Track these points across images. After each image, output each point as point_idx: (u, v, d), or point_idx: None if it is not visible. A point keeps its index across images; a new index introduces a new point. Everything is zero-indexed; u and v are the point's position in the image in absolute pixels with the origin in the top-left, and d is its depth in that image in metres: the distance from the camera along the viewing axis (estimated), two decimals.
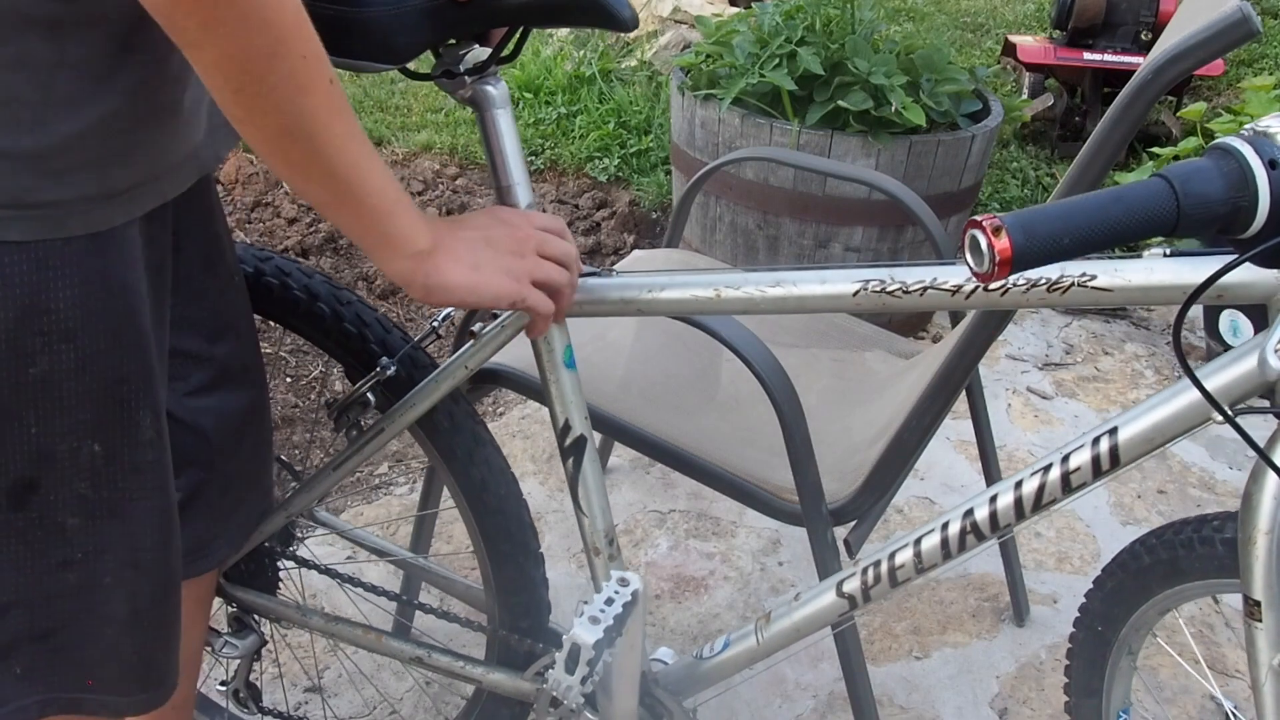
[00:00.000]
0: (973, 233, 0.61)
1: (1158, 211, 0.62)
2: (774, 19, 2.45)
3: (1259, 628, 0.78)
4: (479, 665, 1.16)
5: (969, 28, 5.18)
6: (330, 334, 1.05)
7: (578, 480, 0.99)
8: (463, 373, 1.00)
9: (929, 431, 1.16)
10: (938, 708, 1.57)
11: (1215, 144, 0.65)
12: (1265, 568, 0.76)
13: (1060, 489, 0.81)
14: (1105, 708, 1.06)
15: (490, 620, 1.18)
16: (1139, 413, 0.77)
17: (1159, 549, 0.93)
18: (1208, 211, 0.62)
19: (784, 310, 0.86)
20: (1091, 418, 2.33)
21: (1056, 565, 1.87)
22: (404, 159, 3.38)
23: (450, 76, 0.89)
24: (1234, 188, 0.63)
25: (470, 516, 1.10)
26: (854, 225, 2.34)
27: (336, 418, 1.09)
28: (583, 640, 0.90)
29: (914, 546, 0.90)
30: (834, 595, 0.96)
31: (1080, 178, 0.90)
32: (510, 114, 0.91)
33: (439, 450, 1.07)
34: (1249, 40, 0.73)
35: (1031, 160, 3.72)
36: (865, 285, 0.81)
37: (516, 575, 1.12)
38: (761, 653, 1.03)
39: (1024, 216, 0.60)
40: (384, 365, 1.02)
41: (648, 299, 0.89)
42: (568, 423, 0.97)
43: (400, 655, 1.18)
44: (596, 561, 1.03)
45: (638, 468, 2.06)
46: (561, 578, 1.76)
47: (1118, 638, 1.01)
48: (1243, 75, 4.28)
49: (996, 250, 0.59)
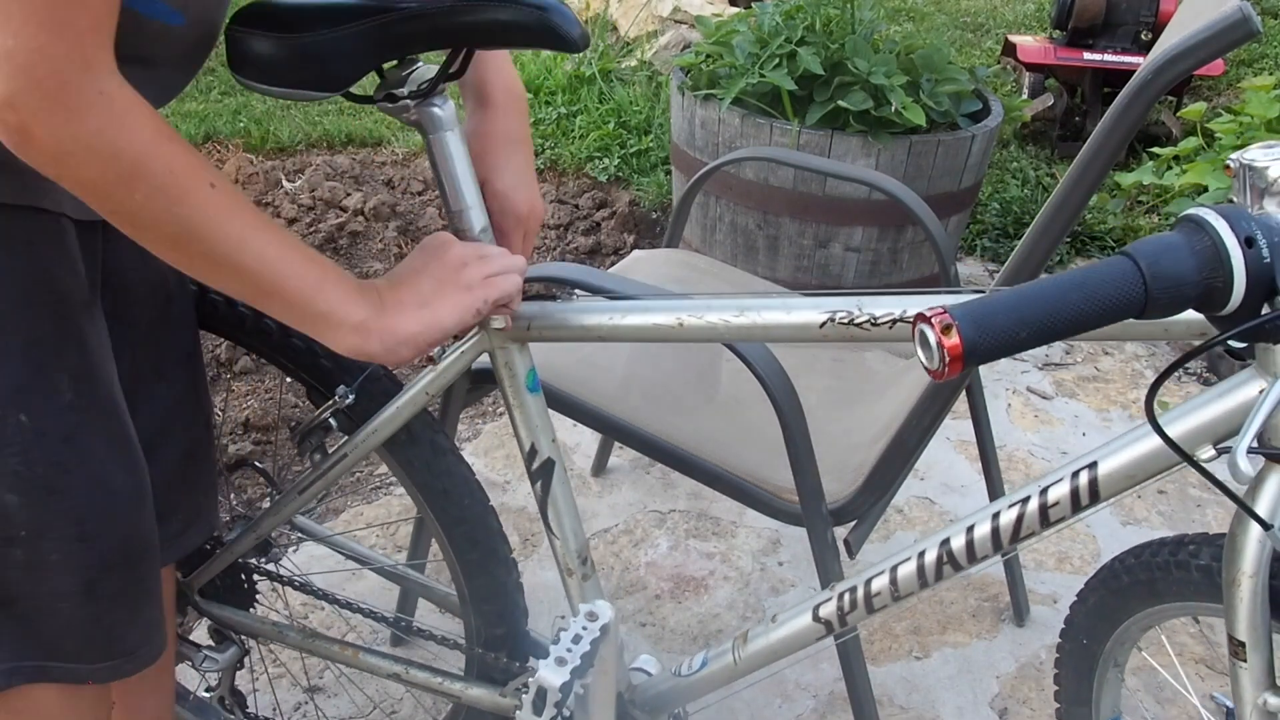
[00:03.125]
0: (921, 328, 0.57)
1: (1122, 295, 0.57)
2: (774, 19, 2.45)
3: (1243, 668, 0.78)
4: (458, 680, 1.15)
5: (969, 28, 5.18)
6: (280, 350, 1.02)
7: (547, 503, 0.98)
8: (424, 399, 0.99)
9: (929, 431, 1.16)
10: (938, 708, 1.57)
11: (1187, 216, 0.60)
12: (1249, 609, 0.75)
13: (1038, 522, 0.79)
14: (1095, 717, 1.06)
15: (466, 628, 1.16)
16: (1118, 447, 0.75)
17: (1137, 569, 0.92)
18: (1178, 294, 0.58)
19: (749, 339, 0.84)
20: (1091, 418, 2.33)
21: (1056, 565, 1.87)
22: (404, 159, 3.38)
23: (393, 100, 0.85)
24: (1207, 267, 0.58)
25: (436, 527, 1.08)
26: (854, 225, 2.34)
27: (299, 442, 1.07)
28: (549, 683, 0.89)
29: (890, 574, 0.88)
30: (810, 619, 0.95)
31: (1080, 178, 0.90)
32: (459, 134, 0.87)
33: (399, 463, 1.05)
34: (1249, 40, 0.73)
35: (1031, 160, 3.72)
36: (833, 316, 0.79)
37: (488, 583, 1.11)
38: (739, 672, 1.03)
39: (976, 309, 0.56)
40: (340, 394, 1.00)
41: (610, 325, 0.88)
42: (534, 446, 0.96)
43: (378, 671, 1.17)
44: (570, 582, 1.02)
45: (638, 468, 2.06)
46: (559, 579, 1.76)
47: (1103, 651, 1.01)
48: (1243, 75, 4.28)
49: (946, 349, 0.56)
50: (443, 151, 0.87)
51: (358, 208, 2.94)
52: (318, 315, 0.76)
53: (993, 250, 3.09)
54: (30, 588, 0.79)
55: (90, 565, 0.81)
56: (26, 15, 0.59)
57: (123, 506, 0.83)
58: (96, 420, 0.80)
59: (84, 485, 0.79)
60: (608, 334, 0.89)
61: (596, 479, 2.03)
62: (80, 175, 0.64)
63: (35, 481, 0.76)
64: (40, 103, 0.61)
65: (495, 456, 2.09)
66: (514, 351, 0.93)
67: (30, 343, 0.75)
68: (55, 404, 0.77)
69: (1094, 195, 0.93)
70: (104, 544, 0.82)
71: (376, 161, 3.35)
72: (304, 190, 2.98)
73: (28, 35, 0.59)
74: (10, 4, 0.59)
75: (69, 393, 0.77)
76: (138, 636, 0.87)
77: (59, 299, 0.76)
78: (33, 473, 0.76)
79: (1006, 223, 3.18)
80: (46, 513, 0.78)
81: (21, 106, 0.61)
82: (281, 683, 1.53)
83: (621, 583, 1.78)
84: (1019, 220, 3.18)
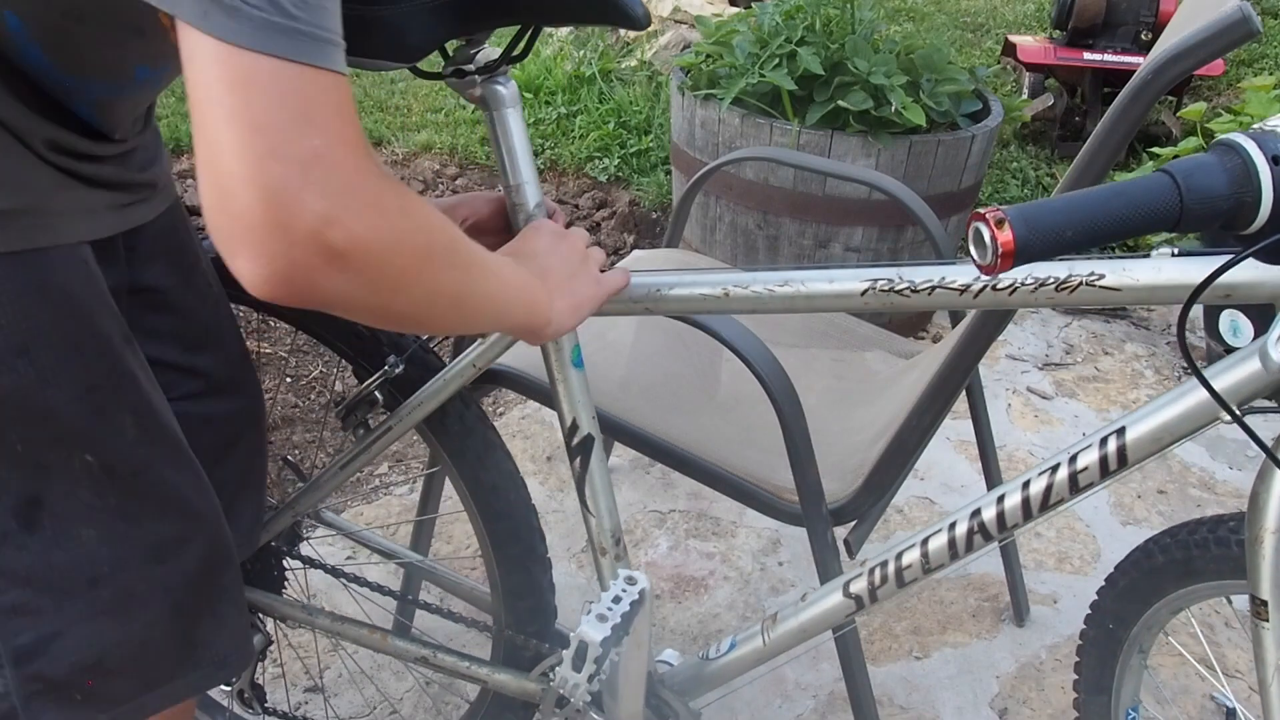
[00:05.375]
0: (976, 225, 0.61)
1: (1160, 206, 0.62)
2: (774, 19, 2.45)
3: (1266, 628, 0.78)
4: (484, 665, 1.16)
5: (969, 28, 5.18)
6: (341, 334, 1.05)
7: (585, 479, 0.99)
8: (471, 371, 1.00)
9: (929, 431, 1.16)
10: (938, 708, 1.57)
11: (1220, 140, 0.64)
12: (1273, 567, 0.76)
13: (1068, 489, 0.81)
14: (1114, 705, 1.06)
15: (495, 620, 1.18)
16: (1147, 412, 0.76)
17: (1173, 548, 0.92)
18: (1210, 207, 0.62)
19: (793, 309, 0.86)
20: (1091, 418, 2.33)
21: (1056, 565, 1.87)
22: (404, 159, 3.38)
23: (460, 76, 0.89)
24: (1237, 183, 0.62)
25: (479, 520, 1.10)
26: (854, 225, 2.34)
27: (345, 416, 1.08)
28: (590, 638, 0.90)
29: (921, 547, 0.90)
30: (840, 596, 0.96)
31: (1080, 177, 0.90)
32: (520, 113, 0.91)
33: (448, 452, 1.07)
34: (1249, 40, 0.73)
35: (1031, 160, 3.72)
36: (874, 284, 0.81)
37: (524, 580, 1.12)
38: (768, 653, 1.03)
39: (1027, 209, 0.60)
40: (392, 364, 1.02)
41: (656, 297, 0.89)
42: (575, 422, 0.97)
43: (405, 655, 1.18)
44: (603, 561, 1.03)
45: (638, 468, 2.06)
46: (562, 578, 1.76)
47: (1129, 636, 1.01)
48: (1243, 75, 4.28)
49: (999, 242, 0.59)
50: (504, 127, 0.90)
51: None
52: (538, 328, 0.79)
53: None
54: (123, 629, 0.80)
55: (174, 587, 0.82)
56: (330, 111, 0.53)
57: (198, 525, 0.84)
58: (160, 448, 0.81)
59: (158, 513, 0.80)
60: (654, 306, 0.90)
61: None
62: (391, 271, 0.59)
63: (110, 514, 0.77)
64: (354, 204, 0.54)
65: None
66: None
67: (90, 388, 0.74)
68: (122, 442, 0.77)
69: None
70: (185, 564, 0.83)
71: None
72: None
73: (333, 131, 0.53)
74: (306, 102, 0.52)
75: (133, 429, 0.78)
76: (226, 644, 0.89)
77: (105, 339, 0.76)
78: (106, 504, 0.76)
79: None
80: (126, 544, 0.78)
81: (342, 215, 0.53)
82: (283, 682, 1.53)
83: None
84: None
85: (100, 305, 0.75)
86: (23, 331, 0.70)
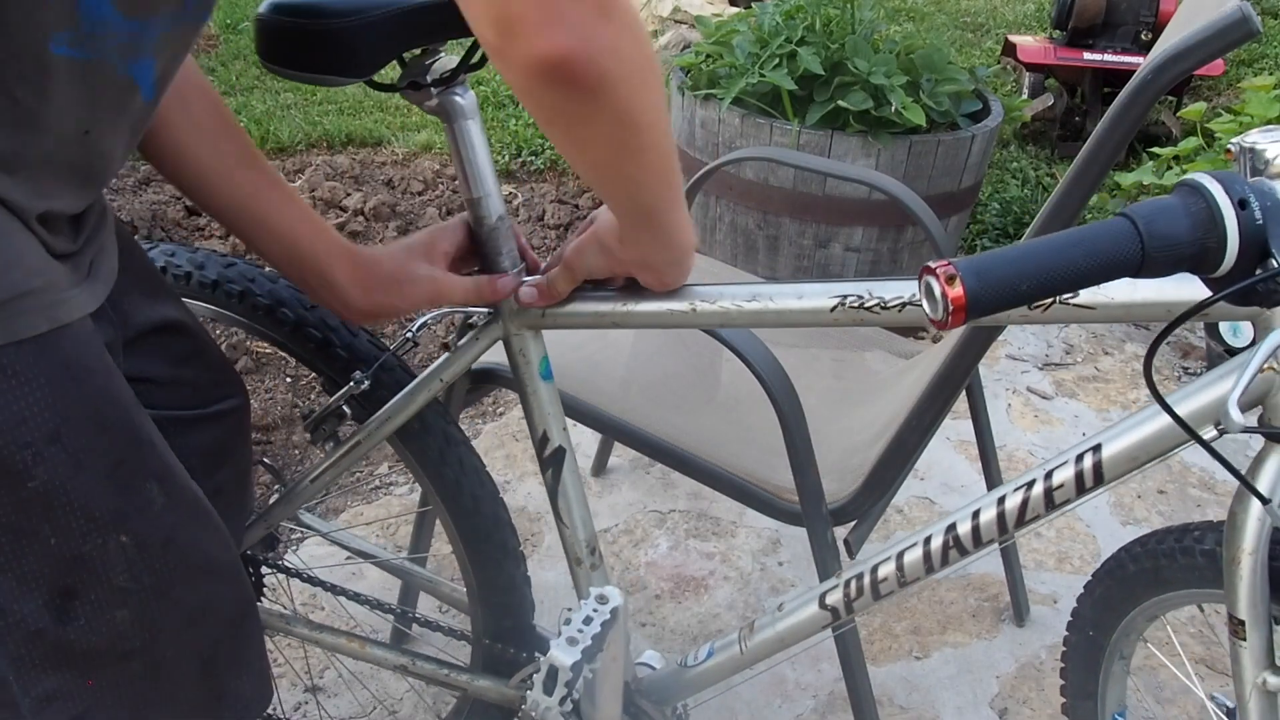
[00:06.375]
0: (926, 279, 0.59)
1: (1120, 253, 0.59)
2: (774, 19, 2.45)
3: (1243, 646, 0.78)
4: (464, 672, 1.15)
5: (969, 28, 5.18)
6: (295, 340, 1.03)
7: (557, 491, 0.98)
8: (438, 385, 0.99)
9: (929, 431, 1.16)
10: (938, 708, 1.57)
11: (1183, 181, 0.62)
12: (1249, 587, 0.76)
13: (1044, 505, 0.80)
14: (1100, 710, 1.06)
15: (473, 622, 1.17)
16: (1122, 430, 0.76)
17: (1143, 558, 0.93)
18: (1173, 253, 0.60)
19: (761, 324, 0.85)
20: (1091, 418, 2.33)
21: (1056, 565, 1.87)
22: (404, 159, 3.38)
23: (416, 88, 0.86)
24: (1201, 227, 0.60)
25: (447, 518, 1.09)
26: (854, 225, 2.34)
27: (313, 430, 1.07)
28: (560, 662, 0.89)
29: (896, 560, 0.89)
30: (816, 607, 0.96)
31: (1080, 177, 0.90)
32: (480, 124, 0.89)
33: (412, 453, 1.06)
34: (1249, 40, 0.73)
35: (1031, 160, 3.72)
36: (843, 300, 0.79)
37: (496, 575, 1.11)
38: (745, 662, 1.03)
39: (980, 262, 0.59)
40: (357, 379, 1.01)
41: (623, 311, 0.88)
42: (545, 434, 0.96)
43: (385, 663, 1.17)
44: (579, 571, 1.03)
45: (638, 468, 2.06)
46: (562, 577, 1.76)
47: (1109, 643, 1.01)
48: (1243, 75, 4.28)
49: (950, 298, 0.58)
50: (465, 139, 0.88)
51: (358, 208, 2.94)
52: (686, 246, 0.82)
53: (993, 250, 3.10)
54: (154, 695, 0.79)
55: (204, 647, 0.82)
56: None
57: (222, 579, 0.83)
58: (184, 509, 0.79)
59: (187, 578, 0.79)
60: (621, 320, 0.89)
61: (596, 479, 2.03)
62: (614, 80, 0.61)
63: (144, 593, 0.76)
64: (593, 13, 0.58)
65: (495, 456, 2.09)
66: (528, 338, 0.93)
67: (115, 464, 0.73)
68: (150, 513, 0.76)
69: (1094, 195, 0.93)
70: (214, 625, 0.82)
71: (376, 162, 3.35)
72: (304, 190, 2.98)
73: None
74: None
75: (160, 497, 0.76)
76: (250, 689, 0.88)
77: (124, 408, 0.74)
78: (140, 584, 0.75)
79: (1006, 223, 3.18)
80: (158, 616, 0.77)
81: (578, 25, 0.57)
82: (282, 682, 1.53)
83: (621, 583, 1.78)
84: (1019, 220, 3.18)
85: (111, 373, 0.74)
86: (55, 417, 0.68)
